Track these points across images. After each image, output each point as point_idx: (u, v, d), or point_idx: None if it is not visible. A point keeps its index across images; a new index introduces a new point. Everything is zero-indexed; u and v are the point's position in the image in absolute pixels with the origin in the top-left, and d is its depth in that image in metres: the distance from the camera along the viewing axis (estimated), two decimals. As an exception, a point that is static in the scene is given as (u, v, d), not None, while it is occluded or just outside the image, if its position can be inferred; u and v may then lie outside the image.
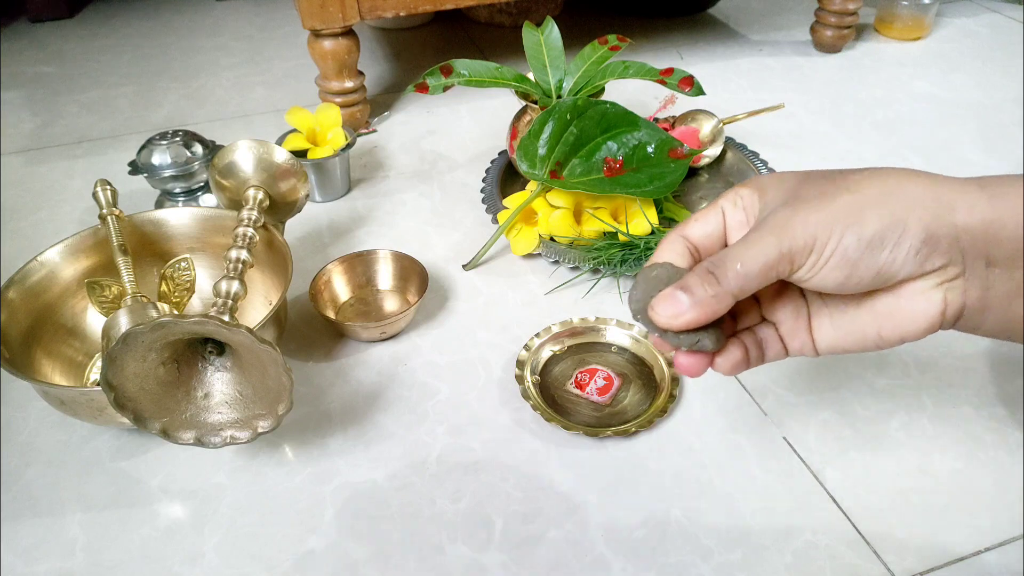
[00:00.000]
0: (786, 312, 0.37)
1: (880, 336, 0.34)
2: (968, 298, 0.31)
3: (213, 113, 1.01)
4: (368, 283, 0.67)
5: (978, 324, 0.32)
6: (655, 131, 0.66)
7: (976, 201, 0.30)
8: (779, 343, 0.37)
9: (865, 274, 0.31)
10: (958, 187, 0.31)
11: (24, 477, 0.52)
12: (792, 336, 0.37)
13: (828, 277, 0.32)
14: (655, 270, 0.36)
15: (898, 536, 0.46)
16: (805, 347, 0.37)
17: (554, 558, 0.46)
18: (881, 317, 0.33)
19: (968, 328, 0.33)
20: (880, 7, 1.15)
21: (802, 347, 0.37)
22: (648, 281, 0.35)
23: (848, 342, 0.35)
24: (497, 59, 0.76)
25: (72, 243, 0.59)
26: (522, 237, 0.68)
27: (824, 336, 0.36)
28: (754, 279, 0.32)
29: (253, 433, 0.47)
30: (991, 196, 0.30)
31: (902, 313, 0.32)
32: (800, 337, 0.36)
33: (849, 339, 0.35)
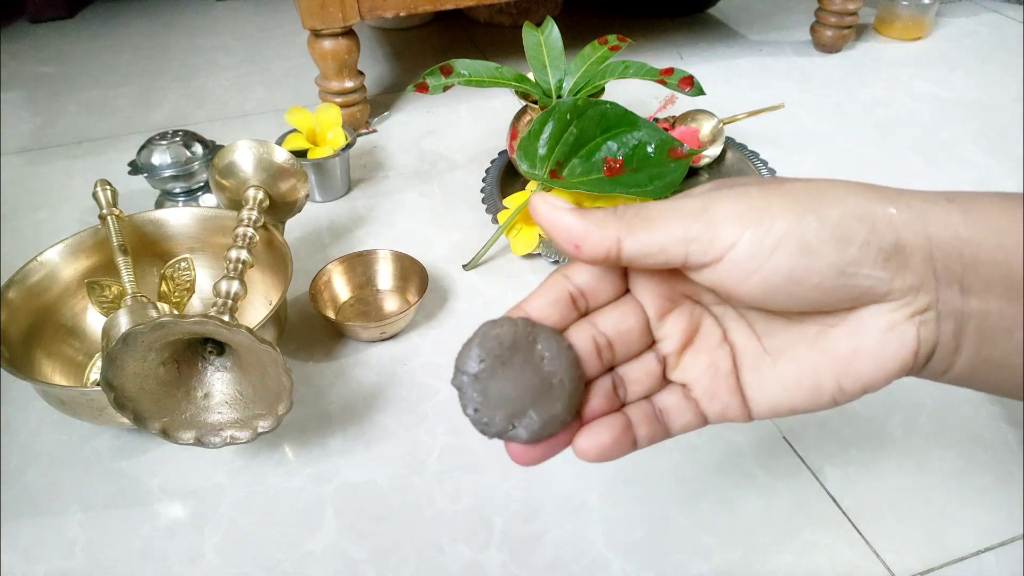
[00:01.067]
0: (700, 366, 0.29)
1: (839, 386, 0.26)
2: (941, 334, 0.26)
3: (213, 113, 1.01)
4: (368, 283, 0.67)
5: (947, 367, 0.26)
6: (655, 131, 0.66)
7: (949, 215, 0.25)
8: (692, 410, 0.29)
9: (826, 273, 0.24)
10: (926, 197, 0.26)
11: (24, 477, 0.52)
12: (711, 398, 0.28)
13: (778, 270, 0.24)
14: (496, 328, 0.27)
15: (898, 536, 0.46)
16: (731, 409, 0.28)
17: (554, 558, 0.46)
18: (840, 361, 0.26)
19: (935, 372, 0.27)
20: (880, 7, 1.15)
21: (726, 410, 0.28)
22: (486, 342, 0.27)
23: (797, 397, 0.27)
24: (497, 59, 0.76)
25: (72, 243, 0.59)
26: (522, 237, 0.68)
27: (762, 391, 0.28)
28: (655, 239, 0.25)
29: (253, 433, 0.47)
30: (964, 212, 0.25)
31: (867, 355, 0.26)
32: (722, 398, 0.28)
33: (798, 392, 0.27)
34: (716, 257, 0.25)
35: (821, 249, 0.24)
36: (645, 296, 0.29)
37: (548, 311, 0.28)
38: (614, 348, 0.29)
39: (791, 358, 0.27)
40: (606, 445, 0.27)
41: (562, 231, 0.26)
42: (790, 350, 0.27)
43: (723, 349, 0.29)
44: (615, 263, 0.26)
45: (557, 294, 0.28)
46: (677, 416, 0.29)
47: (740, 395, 0.28)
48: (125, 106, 1.04)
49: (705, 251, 0.25)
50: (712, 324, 0.29)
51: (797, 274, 0.24)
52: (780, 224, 0.24)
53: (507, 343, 0.27)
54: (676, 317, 0.29)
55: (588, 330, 0.28)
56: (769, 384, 0.28)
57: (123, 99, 1.06)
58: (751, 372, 0.28)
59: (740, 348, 0.29)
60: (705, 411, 0.29)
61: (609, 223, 0.26)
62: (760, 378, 0.28)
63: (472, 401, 0.27)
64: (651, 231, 0.25)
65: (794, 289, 0.25)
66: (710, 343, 0.29)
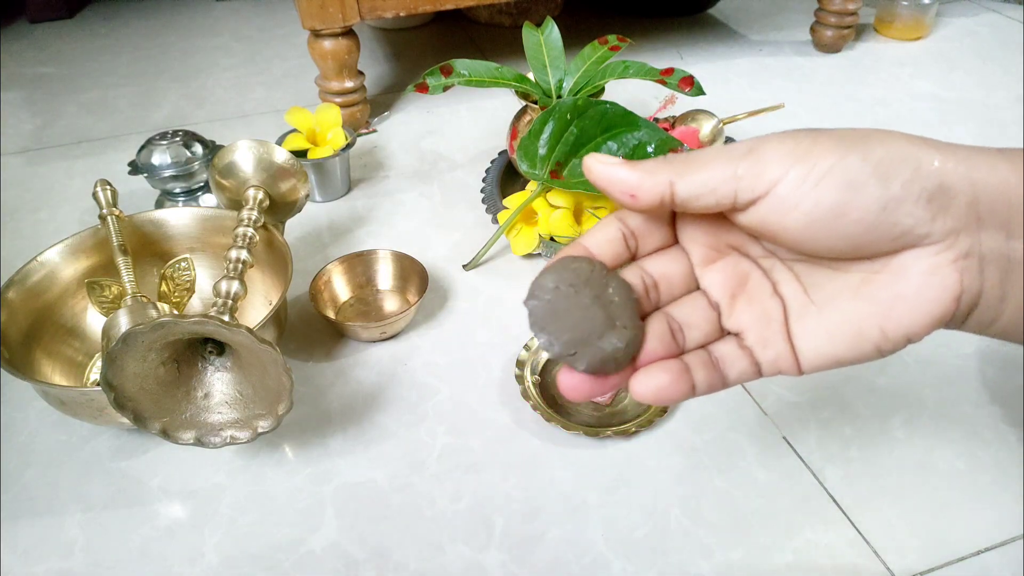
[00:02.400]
0: (753, 315, 0.29)
1: (883, 332, 0.26)
2: (986, 280, 0.26)
3: (213, 113, 1.01)
4: (368, 283, 0.67)
5: (994, 317, 0.27)
6: (655, 131, 0.66)
7: (996, 163, 0.25)
8: (746, 358, 0.29)
9: (870, 207, 0.25)
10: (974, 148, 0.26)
11: (24, 477, 0.52)
12: (764, 345, 0.29)
13: (821, 203, 0.25)
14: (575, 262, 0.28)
15: (898, 536, 0.46)
16: (782, 359, 0.28)
17: (554, 558, 0.46)
18: (883, 306, 0.26)
19: (982, 323, 0.27)
20: (880, 7, 1.15)
21: (778, 359, 0.29)
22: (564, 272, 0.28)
23: (841, 346, 0.27)
24: (497, 59, 0.76)
25: (72, 243, 0.59)
26: (522, 237, 0.68)
27: (809, 341, 0.28)
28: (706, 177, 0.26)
29: (253, 433, 0.47)
30: (1011, 161, 0.25)
31: (908, 299, 0.26)
32: (775, 345, 0.28)
33: (843, 341, 0.27)
34: (762, 192, 0.26)
35: (864, 184, 0.25)
36: (692, 244, 0.30)
37: (604, 247, 0.29)
38: (659, 288, 0.30)
39: (836, 307, 0.28)
40: (663, 386, 0.28)
41: (617, 183, 0.27)
42: (835, 300, 0.28)
43: (774, 300, 0.29)
44: (668, 208, 0.28)
45: (612, 233, 0.30)
46: (732, 363, 0.29)
47: (790, 345, 0.28)
48: (125, 106, 1.04)
49: (752, 187, 0.26)
50: (761, 277, 0.30)
51: (840, 207, 0.25)
52: (825, 161, 0.25)
53: (582, 277, 0.28)
54: (722, 265, 0.30)
55: (636, 271, 0.30)
56: (816, 334, 0.28)
57: (123, 99, 1.06)
58: (799, 323, 0.28)
59: (788, 299, 0.29)
60: (759, 360, 0.29)
61: (661, 169, 0.27)
62: (807, 328, 0.28)
63: (540, 320, 0.28)
64: (701, 171, 0.26)
65: (836, 223, 0.25)
66: (761, 294, 0.29)
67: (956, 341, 0.59)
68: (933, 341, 0.59)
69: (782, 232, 0.26)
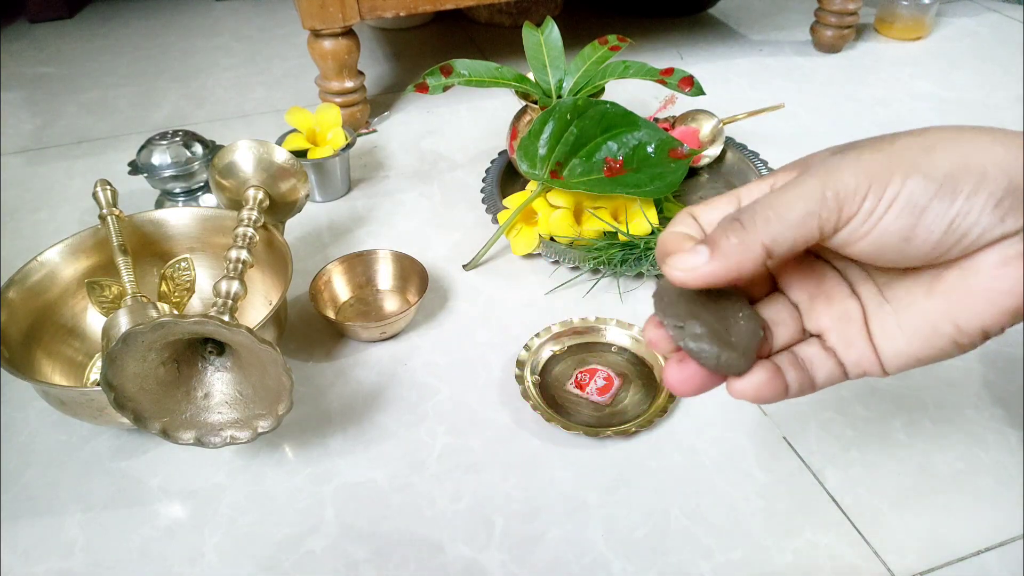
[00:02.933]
0: (833, 316, 0.29)
1: (958, 328, 0.27)
2: None
3: (213, 113, 1.01)
4: (368, 283, 0.67)
5: None
6: (655, 131, 0.66)
7: None
8: (831, 359, 0.29)
9: (934, 228, 0.25)
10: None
11: (24, 477, 0.52)
12: (847, 346, 0.29)
13: (888, 231, 0.25)
14: None
15: (898, 536, 0.46)
16: (866, 359, 0.29)
17: (554, 558, 0.46)
18: (956, 302, 0.26)
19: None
20: (880, 7, 1.15)
21: (861, 359, 0.29)
22: None
23: (919, 345, 0.28)
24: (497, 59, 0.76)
25: (72, 243, 0.59)
26: (522, 237, 0.68)
27: (889, 341, 0.28)
28: (791, 229, 0.26)
29: (253, 433, 0.47)
30: None
31: (981, 292, 0.26)
32: (858, 346, 0.29)
33: (919, 340, 0.28)
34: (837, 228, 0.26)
35: (929, 207, 0.24)
36: None
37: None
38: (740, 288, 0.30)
39: (910, 306, 0.28)
40: (760, 384, 0.28)
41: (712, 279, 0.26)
42: (909, 298, 0.28)
43: (852, 300, 0.29)
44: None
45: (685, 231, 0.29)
46: (819, 365, 0.29)
47: (872, 346, 0.28)
48: (125, 106, 1.04)
49: (830, 228, 0.26)
50: (837, 278, 0.30)
51: (906, 232, 0.25)
52: (891, 189, 0.25)
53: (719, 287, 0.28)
54: (798, 266, 0.30)
55: None
56: (894, 334, 0.28)
57: (123, 99, 1.06)
58: (877, 323, 0.28)
59: (866, 299, 0.29)
60: (843, 361, 0.29)
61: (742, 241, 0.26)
62: (886, 329, 0.28)
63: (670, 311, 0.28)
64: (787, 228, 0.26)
65: (904, 247, 0.25)
66: (839, 294, 0.29)
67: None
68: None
69: (852, 254, 0.27)
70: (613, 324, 0.61)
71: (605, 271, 0.66)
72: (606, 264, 0.65)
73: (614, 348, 0.60)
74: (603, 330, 0.61)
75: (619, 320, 0.61)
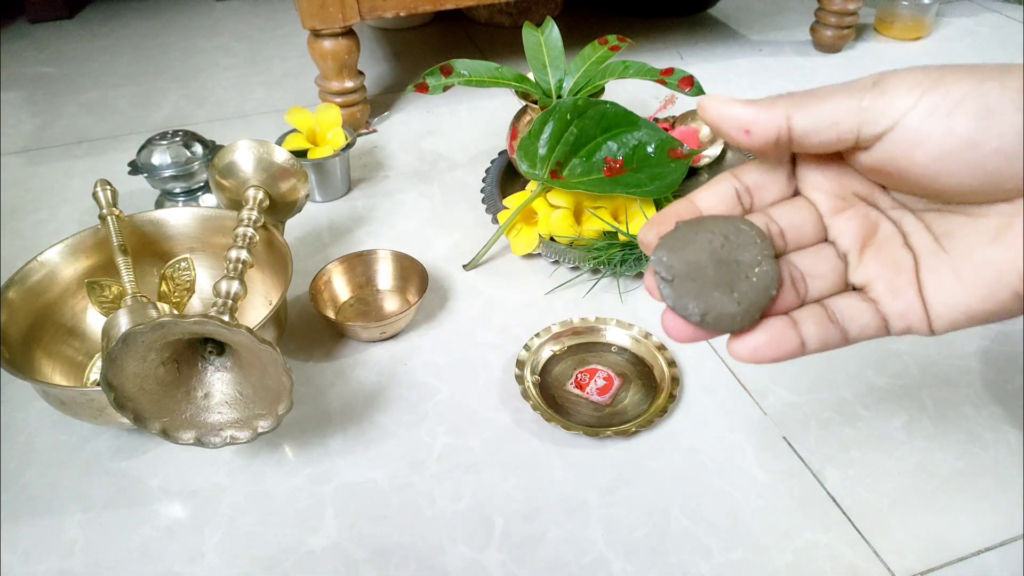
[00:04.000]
0: (882, 264, 0.27)
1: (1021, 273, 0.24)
2: None
3: (213, 113, 1.01)
4: (368, 283, 0.67)
5: None
6: (655, 131, 0.66)
7: None
8: (871, 311, 0.27)
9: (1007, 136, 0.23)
10: None
11: (24, 477, 0.52)
12: (893, 296, 0.27)
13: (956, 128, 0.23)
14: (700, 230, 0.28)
15: (898, 536, 0.46)
16: (912, 312, 0.26)
17: (554, 558, 0.46)
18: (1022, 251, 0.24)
19: None
20: (880, 7, 1.15)
21: (908, 311, 0.26)
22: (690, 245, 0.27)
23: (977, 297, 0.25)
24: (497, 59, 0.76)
25: (72, 243, 0.59)
26: (522, 237, 0.68)
27: (941, 292, 0.26)
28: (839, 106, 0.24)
29: (253, 433, 0.47)
30: None
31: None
32: (905, 297, 0.26)
33: (978, 291, 0.25)
34: (889, 125, 0.24)
35: (1003, 110, 0.23)
36: (816, 193, 0.29)
37: (714, 201, 0.28)
38: (786, 236, 0.29)
39: (971, 255, 0.26)
40: (759, 345, 0.27)
41: (730, 119, 0.26)
42: (970, 247, 0.26)
43: (905, 251, 0.27)
44: (785, 146, 0.26)
45: (724, 189, 0.29)
46: (855, 317, 0.27)
47: (921, 298, 0.26)
48: (125, 106, 1.04)
49: (878, 119, 0.24)
50: (891, 228, 0.28)
51: (976, 136, 0.23)
52: (958, 89, 0.23)
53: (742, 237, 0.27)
54: (851, 215, 0.28)
55: (762, 218, 0.28)
56: (949, 284, 0.26)
57: (123, 99, 1.06)
58: (930, 273, 0.26)
59: (919, 250, 0.27)
60: (885, 312, 0.27)
61: (777, 104, 0.25)
62: (940, 279, 0.26)
63: (669, 257, 0.27)
64: (822, 104, 0.25)
65: (971, 155, 0.23)
66: (892, 244, 0.27)
67: (957, 342, 0.59)
68: (933, 342, 0.59)
69: (910, 169, 0.25)
70: (613, 324, 0.61)
71: (605, 271, 0.66)
72: (606, 264, 0.65)
73: (614, 348, 0.60)
74: (603, 330, 0.61)
75: (619, 320, 0.61)
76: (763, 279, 0.27)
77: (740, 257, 0.27)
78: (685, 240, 0.27)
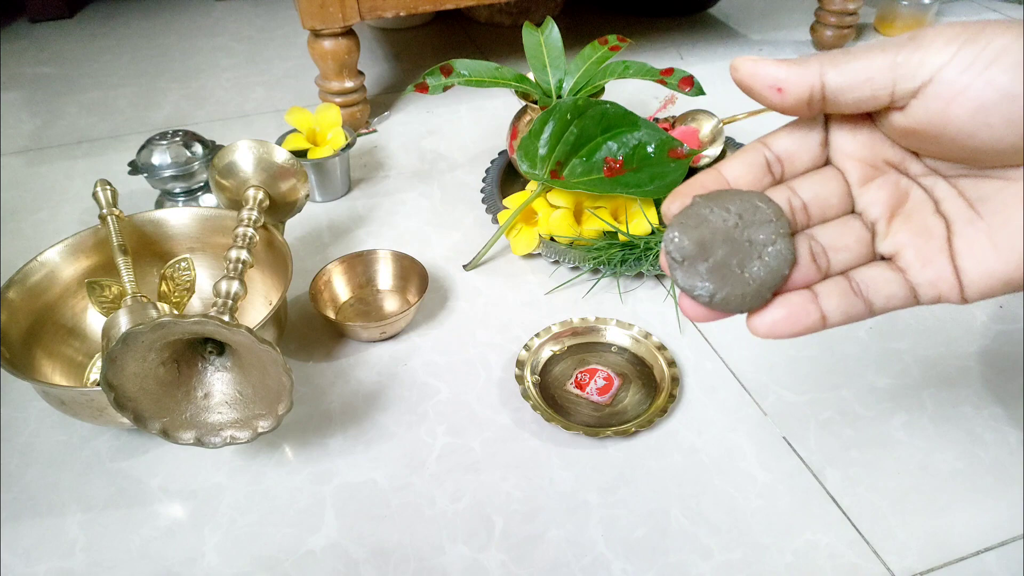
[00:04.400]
0: (912, 232, 0.26)
1: None
2: None
3: (213, 113, 1.01)
4: (368, 283, 0.67)
5: None
6: (655, 131, 0.66)
7: None
8: (899, 280, 0.27)
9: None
10: None
11: (24, 477, 0.52)
12: (924, 264, 0.26)
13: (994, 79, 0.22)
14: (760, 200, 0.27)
15: (898, 536, 0.46)
16: (944, 280, 0.26)
17: (554, 558, 0.46)
18: None
19: None
20: (880, 7, 1.15)
21: (939, 279, 0.26)
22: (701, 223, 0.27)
23: (1013, 262, 0.25)
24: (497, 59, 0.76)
25: (72, 243, 0.59)
26: (522, 237, 0.68)
27: (975, 258, 0.25)
28: (873, 62, 0.24)
29: (253, 433, 0.47)
30: None
31: None
32: (936, 265, 0.26)
33: (1014, 256, 0.25)
34: (925, 79, 0.24)
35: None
36: (846, 161, 0.28)
37: (742, 171, 0.28)
38: (808, 210, 0.28)
39: (1009, 219, 0.25)
40: (775, 322, 0.26)
41: (762, 78, 0.26)
42: (1006, 211, 0.25)
43: (936, 218, 0.26)
44: (818, 105, 0.25)
45: (753, 158, 0.28)
46: (881, 287, 0.27)
47: (953, 265, 0.26)
48: (125, 106, 1.04)
49: (914, 73, 0.24)
50: (922, 195, 0.27)
51: (1016, 88, 0.22)
52: (997, 41, 0.23)
53: (758, 216, 0.27)
54: (881, 183, 0.28)
55: (784, 192, 0.28)
56: (983, 250, 0.25)
57: (123, 99, 1.06)
58: (963, 239, 0.26)
59: (952, 216, 0.26)
60: (914, 282, 0.26)
61: (810, 62, 0.25)
62: (973, 244, 0.25)
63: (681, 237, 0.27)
64: (856, 60, 0.24)
65: (1010, 108, 0.23)
66: (922, 212, 0.27)
67: (957, 342, 0.59)
68: (932, 343, 0.59)
69: (947, 127, 0.24)
70: (613, 324, 0.61)
71: (605, 271, 0.66)
72: (606, 264, 0.65)
73: (614, 348, 0.60)
74: (603, 330, 0.61)
75: (619, 320, 0.61)
76: (776, 259, 0.27)
77: (753, 236, 0.27)
78: (698, 219, 0.27)
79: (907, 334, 0.61)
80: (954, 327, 0.61)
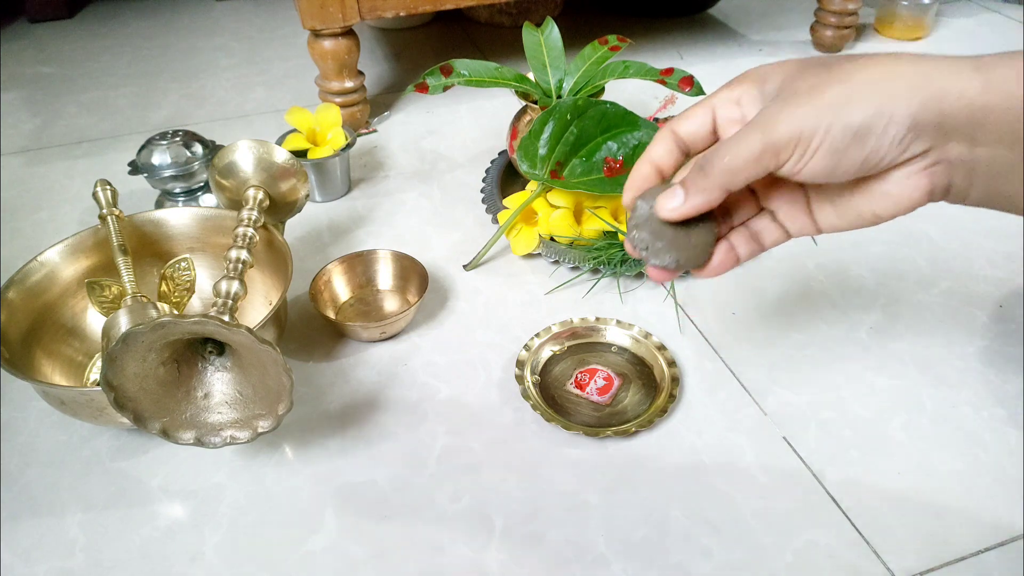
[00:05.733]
0: (783, 199, 0.39)
1: (875, 215, 0.36)
2: (954, 177, 0.33)
3: (213, 113, 1.01)
4: (368, 283, 0.67)
5: (964, 197, 0.35)
6: (655, 131, 0.66)
7: (968, 86, 0.31)
8: (778, 229, 0.39)
9: (851, 164, 0.33)
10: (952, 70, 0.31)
11: (24, 477, 0.52)
12: (792, 220, 0.39)
13: (816, 167, 0.33)
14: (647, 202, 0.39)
15: (898, 536, 0.46)
16: (806, 227, 0.39)
17: (554, 558, 0.46)
18: (874, 199, 0.35)
19: (956, 199, 0.35)
20: (880, 7, 1.15)
21: (803, 228, 0.39)
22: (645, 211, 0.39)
23: (847, 221, 0.37)
24: (497, 59, 0.76)
25: (72, 243, 0.59)
26: (522, 237, 0.68)
27: (826, 219, 0.38)
28: (741, 172, 0.34)
29: (253, 433, 0.47)
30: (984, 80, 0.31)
31: (892, 194, 0.35)
32: (800, 220, 0.39)
33: (848, 219, 0.37)
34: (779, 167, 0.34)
35: (847, 149, 0.32)
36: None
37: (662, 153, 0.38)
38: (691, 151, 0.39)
39: (842, 200, 0.37)
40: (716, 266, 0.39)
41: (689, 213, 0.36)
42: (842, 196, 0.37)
43: (797, 189, 0.38)
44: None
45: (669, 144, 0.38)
46: (768, 234, 0.40)
47: (812, 220, 0.38)
48: (125, 106, 1.04)
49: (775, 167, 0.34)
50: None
51: (831, 168, 0.33)
52: (815, 140, 0.32)
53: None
54: None
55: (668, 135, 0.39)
56: (830, 216, 0.38)
57: (123, 99, 1.06)
58: (816, 204, 0.38)
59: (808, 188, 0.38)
60: (789, 230, 0.39)
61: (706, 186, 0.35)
62: (822, 208, 0.38)
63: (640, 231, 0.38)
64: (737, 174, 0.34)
65: (831, 175, 0.34)
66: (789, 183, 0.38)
67: (957, 342, 0.59)
68: (932, 343, 0.59)
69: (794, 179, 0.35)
70: (613, 324, 0.61)
71: (605, 271, 0.66)
72: (606, 264, 0.65)
73: (614, 348, 0.60)
74: (603, 330, 0.61)
75: (619, 320, 0.61)
76: (707, 228, 0.38)
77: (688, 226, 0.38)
78: (644, 216, 0.38)
79: (907, 334, 0.61)
80: (954, 327, 0.61)
